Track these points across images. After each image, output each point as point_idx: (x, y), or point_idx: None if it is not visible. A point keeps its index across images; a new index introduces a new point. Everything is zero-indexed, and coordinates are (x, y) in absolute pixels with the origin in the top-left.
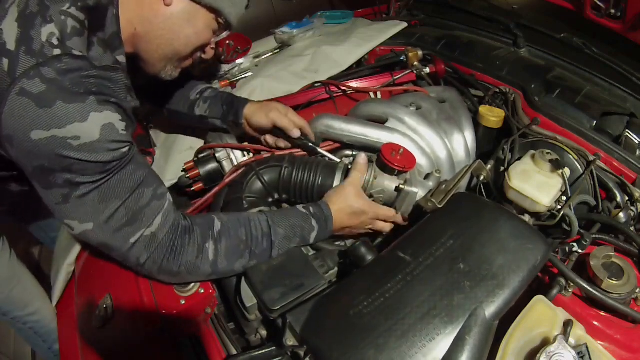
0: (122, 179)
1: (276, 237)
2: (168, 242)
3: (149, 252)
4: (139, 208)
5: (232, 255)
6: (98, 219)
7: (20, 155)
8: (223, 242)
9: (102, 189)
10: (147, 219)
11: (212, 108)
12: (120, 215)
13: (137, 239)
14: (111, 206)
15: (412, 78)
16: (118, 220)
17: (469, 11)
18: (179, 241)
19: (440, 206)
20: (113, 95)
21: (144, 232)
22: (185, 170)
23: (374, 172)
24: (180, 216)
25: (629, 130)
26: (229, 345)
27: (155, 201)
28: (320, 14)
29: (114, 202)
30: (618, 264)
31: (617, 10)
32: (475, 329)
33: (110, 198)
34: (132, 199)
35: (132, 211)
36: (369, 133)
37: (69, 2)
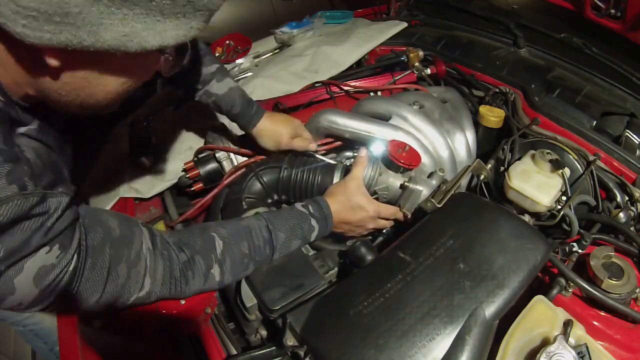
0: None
1: (277, 242)
2: (169, 287)
3: (151, 299)
4: (120, 287)
5: (237, 270)
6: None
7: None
8: (227, 261)
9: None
10: (135, 287)
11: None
12: (106, 299)
13: (133, 301)
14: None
15: (412, 79)
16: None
17: (469, 11)
18: (182, 280)
19: (439, 206)
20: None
21: (138, 295)
22: (185, 170)
23: (379, 168)
24: (175, 252)
25: (629, 130)
26: (229, 345)
27: (133, 269)
28: (320, 14)
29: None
30: (618, 264)
31: (617, 10)
32: (475, 329)
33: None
34: (108, 286)
35: (116, 291)
36: (372, 129)
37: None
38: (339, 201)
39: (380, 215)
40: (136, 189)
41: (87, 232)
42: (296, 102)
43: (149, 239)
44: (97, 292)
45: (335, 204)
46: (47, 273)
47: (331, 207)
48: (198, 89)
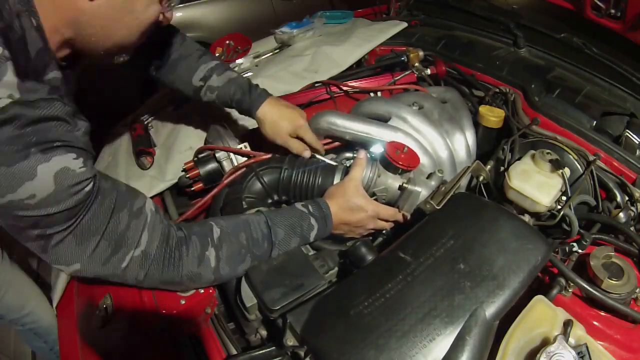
0: (93, 214)
1: (276, 238)
2: (163, 254)
3: (144, 270)
4: (119, 234)
5: (234, 261)
6: (82, 258)
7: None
8: (224, 248)
9: (76, 232)
10: (132, 240)
11: (221, 100)
12: (102, 248)
13: (127, 262)
14: (91, 243)
15: (412, 79)
16: (102, 253)
17: (469, 11)
18: (176, 253)
19: (438, 208)
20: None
21: (133, 254)
22: (185, 170)
23: (378, 170)
24: (173, 227)
25: (629, 130)
26: (229, 345)
27: (135, 220)
28: (320, 14)
29: (93, 239)
30: (618, 264)
31: (617, 10)
32: (476, 329)
33: (87, 236)
34: (109, 229)
35: (114, 240)
36: (371, 131)
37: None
38: (337, 202)
39: (380, 215)
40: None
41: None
42: (296, 102)
43: (152, 204)
44: (97, 234)
45: (334, 205)
46: (67, 176)
47: (330, 208)
48: (200, 86)
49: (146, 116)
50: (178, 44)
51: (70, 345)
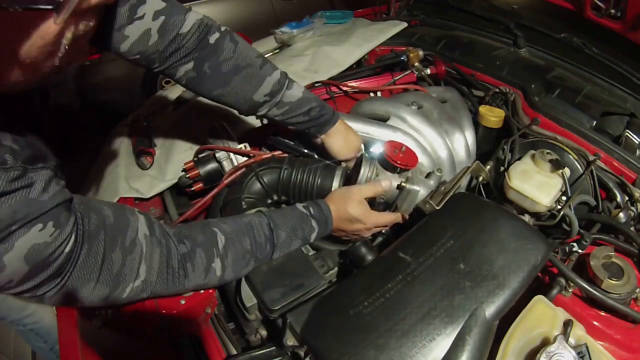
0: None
1: (278, 240)
2: (165, 277)
3: (147, 293)
4: (115, 275)
5: (239, 266)
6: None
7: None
8: (229, 256)
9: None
10: (130, 276)
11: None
12: (99, 289)
13: (128, 293)
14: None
15: (412, 79)
16: (101, 293)
17: (469, 11)
18: (180, 272)
19: (438, 208)
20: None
21: (134, 285)
22: (185, 170)
23: (376, 169)
24: (174, 243)
25: (629, 130)
26: (229, 345)
27: (128, 256)
28: (320, 14)
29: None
30: (618, 264)
31: (617, 10)
32: (475, 329)
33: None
34: (103, 274)
35: (110, 280)
36: (371, 131)
37: None
38: (337, 210)
39: (378, 225)
40: (136, 189)
41: (82, 217)
42: None
43: (145, 226)
44: (91, 281)
45: (334, 211)
46: (40, 251)
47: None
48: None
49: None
50: (229, 50)
51: (70, 345)
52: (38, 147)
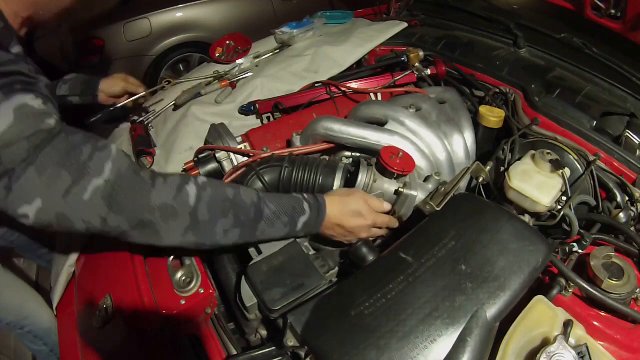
0: (54, 147)
1: (265, 208)
2: (131, 182)
3: (107, 202)
4: (81, 164)
5: (216, 209)
6: (43, 191)
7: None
8: (208, 190)
9: (37, 162)
10: (94, 170)
11: (71, 88)
12: (63, 178)
13: (90, 194)
14: (51, 173)
15: (412, 79)
16: (63, 183)
17: (469, 11)
18: (148, 181)
19: (438, 209)
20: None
21: (96, 183)
22: (185, 170)
23: (373, 175)
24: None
25: (629, 130)
26: (229, 345)
27: (98, 152)
28: (320, 14)
29: (53, 169)
30: (618, 264)
31: (617, 10)
32: (476, 330)
33: (47, 166)
34: (70, 159)
35: (75, 168)
36: (368, 135)
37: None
38: (340, 202)
39: (376, 224)
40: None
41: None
42: (296, 102)
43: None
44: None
45: (335, 204)
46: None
47: (329, 206)
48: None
49: (146, 116)
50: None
51: (71, 346)
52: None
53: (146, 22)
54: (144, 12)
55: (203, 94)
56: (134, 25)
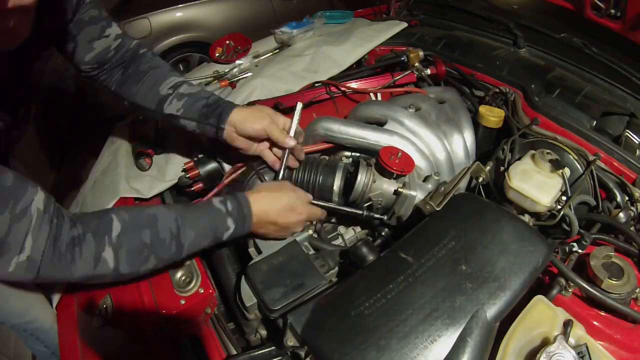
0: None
1: (185, 239)
2: (51, 258)
3: (33, 273)
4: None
5: (135, 261)
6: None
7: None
8: (124, 247)
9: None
10: (15, 246)
11: (188, 107)
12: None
13: (14, 267)
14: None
15: (412, 79)
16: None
17: (469, 11)
18: (67, 255)
19: (438, 209)
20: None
21: (18, 260)
22: (185, 170)
23: (373, 175)
24: (66, 225)
25: (629, 130)
26: (229, 345)
27: (16, 224)
28: (320, 14)
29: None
30: (618, 264)
31: (617, 10)
32: (477, 330)
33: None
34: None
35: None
36: (368, 136)
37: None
38: (267, 199)
39: (311, 216)
40: (136, 189)
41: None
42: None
43: (42, 201)
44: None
45: (263, 202)
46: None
47: (258, 204)
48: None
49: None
50: (149, 57)
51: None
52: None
53: (146, 22)
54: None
55: None
56: (134, 25)
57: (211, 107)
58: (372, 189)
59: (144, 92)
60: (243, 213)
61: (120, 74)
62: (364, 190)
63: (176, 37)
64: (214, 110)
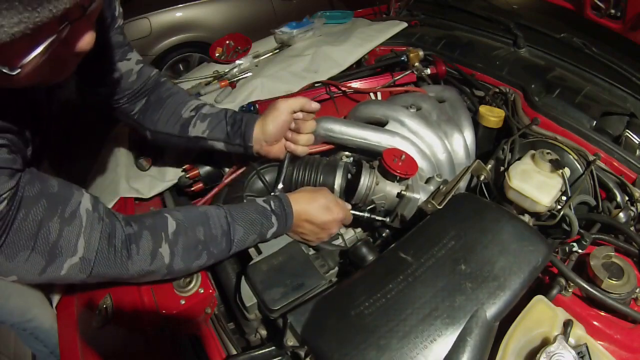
0: (17, 230)
1: (235, 235)
2: (106, 256)
3: (86, 273)
4: (51, 245)
5: (189, 257)
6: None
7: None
8: (180, 243)
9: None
10: (67, 249)
11: (213, 127)
12: (35, 260)
13: (66, 270)
14: (21, 258)
15: (412, 79)
16: (36, 265)
17: (469, 11)
18: (123, 252)
19: (439, 208)
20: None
21: (71, 262)
22: (185, 170)
23: (376, 177)
24: (120, 224)
25: (629, 130)
26: (229, 345)
27: (67, 227)
28: (320, 14)
29: (22, 254)
30: (618, 264)
31: (617, 10)
32: (476, 330)
33: (16, 252)
34: (39, 242)
35: (46, 252)
36: (369, 136)
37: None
38: (306, 198)
39: (346, 220)
40: (136, 189)
41: (25, 184)
42: None
43: (89, 202)
44: (26, 249)
45: (302, 202)
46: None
47: (297, 204)
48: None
49: None
50: (170, 85)
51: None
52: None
53: (146, 22)
54: (144, 12)
55: (203, 94)
56: (134, 25)
57: (235, 126)
58: (375, 192)
59: (166, 117)
60: (285, 211)
61: (143, 103)
62: (367, 193)
63: (176, 37)
64: (238, 128)
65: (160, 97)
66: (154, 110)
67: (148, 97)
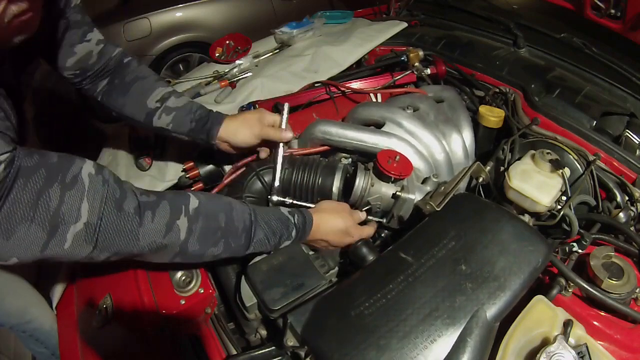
0: (14, 201)
1: (255, 235)
2: (115, 221)
3: (92, 242)
4: (52, 213)
5: (206, 240)
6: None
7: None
8: (200, 222)
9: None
10: (70, 216)
11: (178, 122)
12: (35, 233)
13: (71, 241)
14: (21, 232)
15: (412, 79)
16: (37, 239)
17: (469, 11)
18: (135, 219)
19: (438, 209)
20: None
21: (75, 230)
22: (185, 170)
23: (371, 179)
24: (134, 191)
25: (629, 130)
26: (229, 345)
27: (68, 192)
28: (320, 14)
29: (21, 227)
30: (618, 264)
31: (617, 10)
32: (477, 330)
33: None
34: (39, 212)
35: (47, 221)
36: (366, 138)
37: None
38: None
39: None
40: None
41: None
42: (296, 102)
43: (92, 167)
44: (26, 220)
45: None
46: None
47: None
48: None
49: None
50: (134, 67)
51: (71, 346)
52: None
53: (146, 22)
54: (144, 12)
55: (203, 94)
56: (134, 25)
57: (199, 123)
58: (370, 193)
59: (132, 104)
60: (305, 229)
61: (105, 84)
62: (362, 194)
63: (176, 37)
64: (202, 126)
65: (124, 81)
66: (118, 95)
67: (111, 79)
